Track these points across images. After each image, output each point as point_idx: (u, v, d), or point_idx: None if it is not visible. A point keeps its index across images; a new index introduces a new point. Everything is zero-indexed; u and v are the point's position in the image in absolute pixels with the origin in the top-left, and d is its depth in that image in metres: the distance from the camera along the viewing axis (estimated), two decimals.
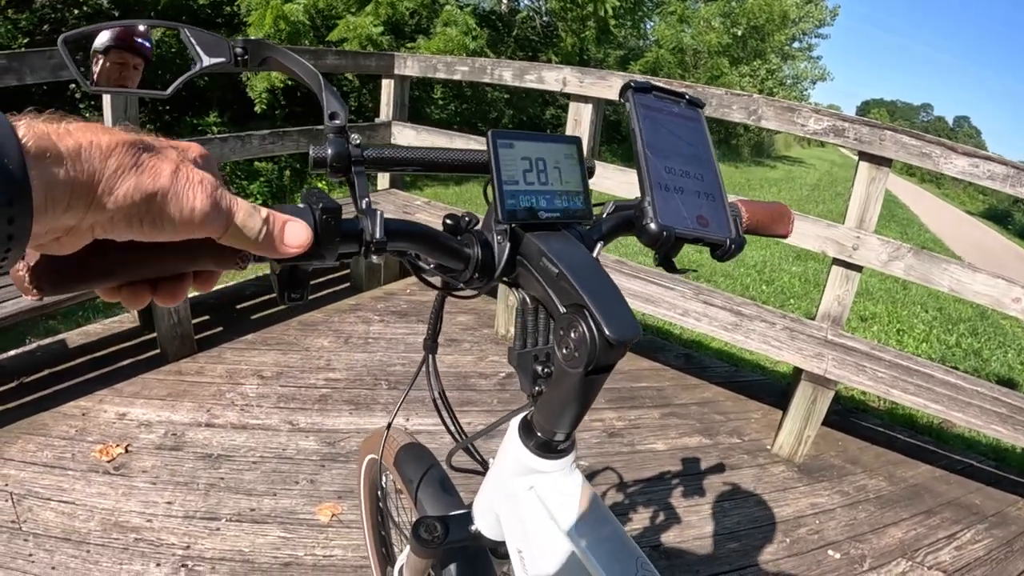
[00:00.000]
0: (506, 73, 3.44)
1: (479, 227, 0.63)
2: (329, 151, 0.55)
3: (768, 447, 2.68)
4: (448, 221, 0.62)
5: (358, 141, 0.57)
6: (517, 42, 13.27)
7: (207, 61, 0.60)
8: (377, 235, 0.53)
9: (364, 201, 0.55)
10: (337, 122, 0.56)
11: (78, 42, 0.57)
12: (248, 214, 0.42)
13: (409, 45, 9.86)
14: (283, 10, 8.32)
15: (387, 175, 4.10)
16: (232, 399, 2.56)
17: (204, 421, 2.41)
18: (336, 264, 0.54)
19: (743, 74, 19.30)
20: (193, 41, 0.59)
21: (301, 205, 0.50)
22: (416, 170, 0.66)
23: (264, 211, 0.43)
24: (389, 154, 0.62)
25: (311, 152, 0.55)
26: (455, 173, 0.67)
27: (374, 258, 0.55)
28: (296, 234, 0.45)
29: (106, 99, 2.53)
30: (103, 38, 0.59)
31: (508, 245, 0.60)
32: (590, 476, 2.36)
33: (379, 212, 0.53)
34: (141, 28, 0.62)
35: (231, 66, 0.61)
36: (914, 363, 2.53)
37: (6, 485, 2.00)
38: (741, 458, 2.59)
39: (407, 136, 3.91)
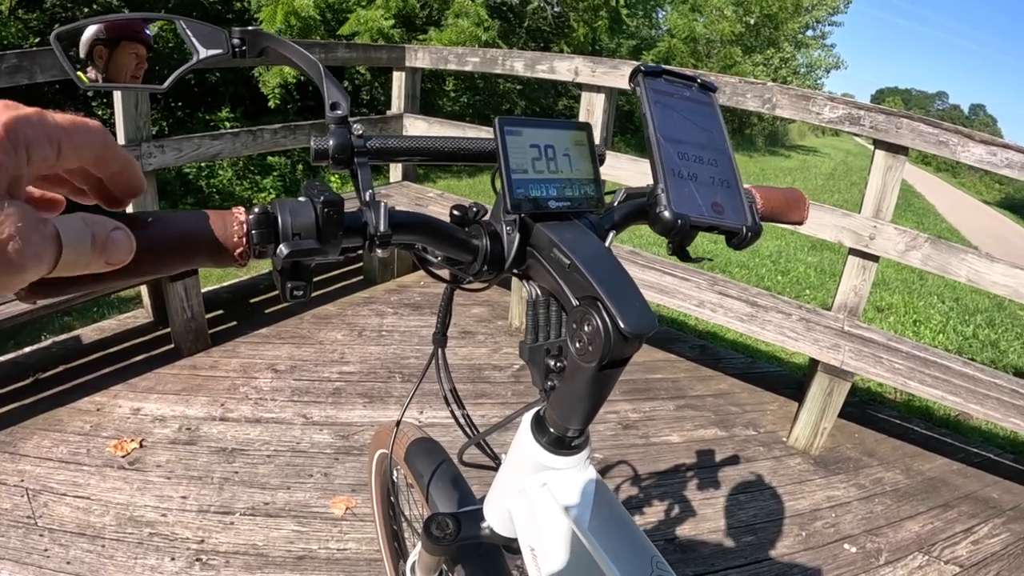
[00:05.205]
0: (517, 64, 3.42)
1: (487, 218, 0.62)
2: (331, 142, 0.54)
3: (784, 439, 2.65)
4: (455, 212, 0.60)
5: (360, 131, 0.56)
6: (529, 33, 13.25)
7: (204, 53, 0.59)
8: (381, 228, 0.51)
9: (368, 193, 0.53)
10: (339, 112, 0.55)
11: (72, 38, 0.57)
12: (75, 242, 0.34)
13: (421, 37, 9.86)
14: (293, 5, 8.33)
15: (399, 168, 4.09)
16: (246, 393, 2.56)
17: (218, 415, 2.41)
18: (340, 259, 0.53)
19: (756, 63, 19.16)
20: (189, 33, 0.58)
21: (302, 198, 0.49)
22: (422, 160, 0.64)
23: (88, 227, 0.35)
24: (393, 144, 0.61)
25: (312, 144, 0.55)
26: (462, 163, 0.66)
27: (379, 252, 0.53)
28: (120, 247, 0.37)
29: (116, 95, 2.54)
30: (101, 32, 0.58)
31: (517, 236, 0.58)
32: (605, 469, 2.35)
33: (383, 204, 0.52)
34: (139, 19, 0.61)
35: (228, 58, 0.60)
36: (931, 354, 2.50)
37: (22, 480, 2.01)
38: (757, 450, 2.57)
39: (419, 128, 3.88)
